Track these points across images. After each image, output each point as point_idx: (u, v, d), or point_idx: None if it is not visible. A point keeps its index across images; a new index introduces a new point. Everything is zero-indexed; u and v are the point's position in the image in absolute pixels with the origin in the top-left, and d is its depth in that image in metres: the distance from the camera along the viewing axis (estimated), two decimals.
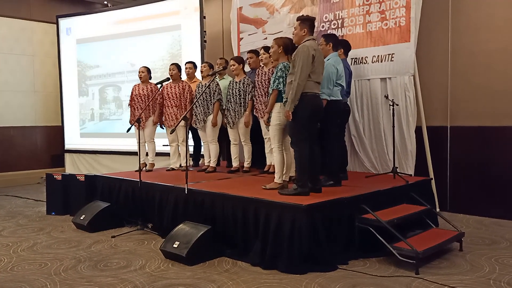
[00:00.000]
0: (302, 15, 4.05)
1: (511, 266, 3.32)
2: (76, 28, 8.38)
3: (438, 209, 4.95)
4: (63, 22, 8.48)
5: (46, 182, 5.60)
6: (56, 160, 8.66)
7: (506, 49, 4.73)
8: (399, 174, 4.72)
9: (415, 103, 5.02)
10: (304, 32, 3.85)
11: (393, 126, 4.89)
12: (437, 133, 5.16)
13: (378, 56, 5.24)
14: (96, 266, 3.53)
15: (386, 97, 5.08)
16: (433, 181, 4.97)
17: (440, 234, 3.75)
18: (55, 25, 8.50)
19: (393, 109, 4.87)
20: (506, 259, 3.50)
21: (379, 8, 5.21)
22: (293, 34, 3.97)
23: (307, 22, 3.86)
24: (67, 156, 8.52)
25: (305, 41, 3.81)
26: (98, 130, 8.19)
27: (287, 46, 4.11)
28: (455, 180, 5.12)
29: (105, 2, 9.10)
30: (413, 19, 4.93)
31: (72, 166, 8.41)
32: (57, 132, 8.61)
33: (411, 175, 4.95)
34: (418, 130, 5.08)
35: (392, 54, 5.11)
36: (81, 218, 4.69)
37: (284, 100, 3.98)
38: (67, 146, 8.50)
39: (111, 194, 5.13)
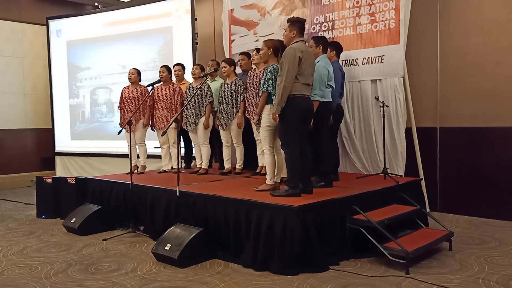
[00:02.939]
0: (293, 16, 4.07)
1: (500, 265, 3.37)
2: (66, 30, 8.33)
3: (428, 209, 5.00)
4: (53, 23, 8.42)
5: (36, 185, 5.56)
6: (47, 163, 8.59)
7: (494, 51, 4.79)
8: (390, 175, 4.76)
9: (405, 104, 5.08)
10: (293, 33, 3.87)
11: (384, 127, 4.94)
12: (426, 134, 5.22)
13: (369, 58, 5.28)
14: (87, 269, 3.51)
15: (377, 98, 5.13)
16: (423, 182, 5.02)
17: (430, 234, 3.79)
18: (45, 26, 8.44)
19: (383, 110, 4.91)
20: (495, 258, 3.54)
21: (369, 10, 5.26)
22: (283, 35, 3.99)
23: (297, 24, 3.88)
24: (57, 159, 8.46)
25: (293, 43, 3.83)
26: (89, 132, 8.14)
27: (277, 48, 4.13)
28: (445, 181, 5.18)
29: (96, 4, 9.07)
30: (402, 22, 4.98)
31: (63, 169, 8.35)
32: (48, 135, 8.54)
33: (401, 175, 4.99)
34: (408, 131, 5.13)
35: (382, 56, 5.16)
36: (72, 221, 4.66)
37: (274, 102, 4.00)
38: (58, 148, 8.43)
39: (102, 197, 5.10)
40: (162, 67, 5.65)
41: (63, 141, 8.40)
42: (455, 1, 5.05)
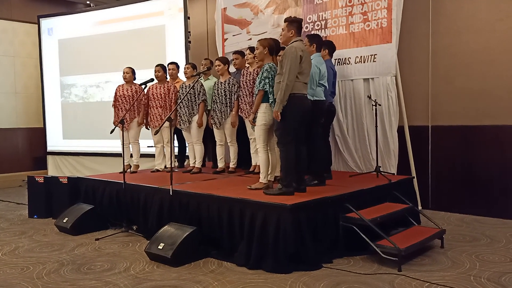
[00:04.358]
0: (290, 16, 4.08)
1: (491, 262, 3.40)
2: (58, 28, 8.26)
3: (420, 207, 5.04)
4: (44, 22, 8.35)
5: (28, 185, 5.52)
6: (38, 163, 8.53)
7: (485, 50, 4.84)
8: (382, 173, 4.79)
9: (397, 103, 5.10)
10: (291, 33, 3.88)
11: (376, 126, 4.96)
12: (418, 133, 5.25)
13: (361, 57, 5.30)
14: (80, 269, 3.49)
15: (369, 97, 5.15)
16: (415, 180, 5.05)
17: (422, 232, 3.82)
18: (37, 25, 8.36)
19: (376, 109, 4.94)
20: (486, 255, 3.57)
21: (362, 9, 5.28)
22: (281, 35, 4.00)
23: (294, 24, 3.90)
24: (49, 159, 8.39)
25: (292, 42, 3.84)
26: (82, 131, 8.08)
27: (272, 47, 4.14)
28: (437, 179, 5.22)
29: (88, 2, 9.00)
30: (394, 21, 5.01)
31: (55, 169, 8.29)
32: (39, 134, 8.47)
33: (394, 174, 5.02)
34: (400, 130, 5.16)
35: (375, 55, 5.19)
36: (64, 221, 4.63)
37: (271, 101, 4.01)
38: (50, 148, 8.37)
39: (95, 196, 5.07)
40: (157, 66, 5.64)
41: (55, 140, 8.34)
42: (447, 1, 5.08)
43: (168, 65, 5.85)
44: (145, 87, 5.10)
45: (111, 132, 4.86)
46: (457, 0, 5.01)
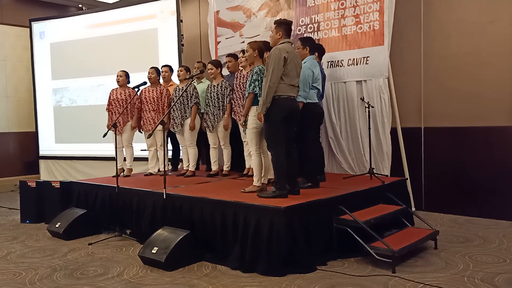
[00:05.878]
0: (280, 19, 4.09)
1: (484, 263, 3.42)
2: (50, 32, 8.22)
3: (413, 209, 5.06)
4: (36, 25, 8.31)
5: (20, 189, 5.46)
6: (30, 167, 8.46)
7: (476, 52, 4.88)
8: (376, 175, 4.80)
9: (390, 105, 5.13)
10: (279, 35, 3.89)
11: (369, 128, 4.98)
12: (411, 134, 5.28)
13: (354, 59, 5.33)
14: (72, 274, 3.46)
15: (362, 99, 5.17)
16: (408, 181, 5.07)
17: (415, 233, 3.83)
18: (28, 28, 8.32)
19: (368, 111, 4.96)
20: (479, 256, 3.59)
21: (354, 12, 5.31)
22: (270, 37, 4.01)
23: (282, 26, 3.90)
24: (41, 163, 8.33)
25: (278, 44, 3.84)
26: (74, 135, 8.03)
27: (262, 50, 4.15)
28: (430, 180, 5.25)
29: (80, 6, 8.97)
30: (386, 23, 5.04)
31: (47, 173, 8.23)
32: (31, 138, 8.40)
33: (387, 175, 5.04)
34: (393, 132, 5.18)
35: (367, 57, 5.21)
36: (57, 225, 4.60)
37: (259, 102, 4.01)
38: (42, 152, 8.31)
39: (88, 201, 5.03)
40: (151, 68, 5.62)
41: (47, 145, 8.28)
42: (438, 4, 5.13)
43: (161, 68, 5.83)
44: (138, 90, 5.08)
45: (104, 135, 4.84)
46: (448, 3, 5.06)
